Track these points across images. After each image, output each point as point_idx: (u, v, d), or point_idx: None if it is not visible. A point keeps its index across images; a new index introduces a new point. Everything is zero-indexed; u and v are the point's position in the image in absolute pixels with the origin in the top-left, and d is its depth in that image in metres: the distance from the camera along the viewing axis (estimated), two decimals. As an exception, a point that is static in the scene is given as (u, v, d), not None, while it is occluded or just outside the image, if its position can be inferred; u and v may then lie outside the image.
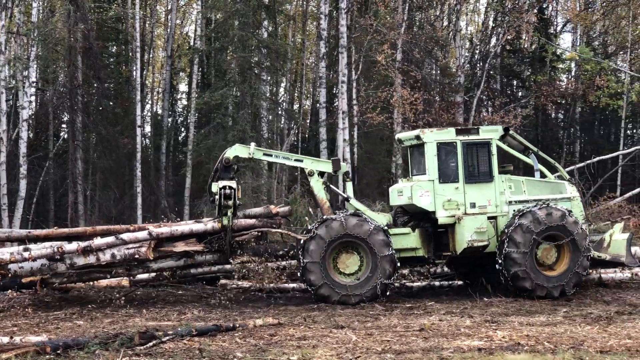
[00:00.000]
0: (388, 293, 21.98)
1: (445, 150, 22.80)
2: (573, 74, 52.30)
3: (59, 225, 27.08)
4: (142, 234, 21.85)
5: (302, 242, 22.11)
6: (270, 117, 41.69)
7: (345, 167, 23.78)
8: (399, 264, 22.32)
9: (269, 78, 42.12)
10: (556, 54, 48.98)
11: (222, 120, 36.69)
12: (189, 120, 43.75)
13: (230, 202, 21.90)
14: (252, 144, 23.34)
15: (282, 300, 22.77)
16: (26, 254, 20.83)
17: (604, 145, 49.16)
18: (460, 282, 24.67)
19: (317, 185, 23.24)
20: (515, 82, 52.41)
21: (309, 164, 23.44)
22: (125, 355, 14.64)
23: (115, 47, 49.68)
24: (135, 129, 41.42)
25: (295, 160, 23.87)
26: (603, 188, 40.08)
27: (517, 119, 43.41)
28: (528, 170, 26.01)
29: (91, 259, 21.18)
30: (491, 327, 17.99)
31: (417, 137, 23.12)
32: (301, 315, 19.76)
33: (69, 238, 22.20)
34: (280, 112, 43.90)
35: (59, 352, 14.69)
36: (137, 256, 21.45)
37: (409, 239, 22.75)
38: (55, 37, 39.93)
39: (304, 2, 49.34)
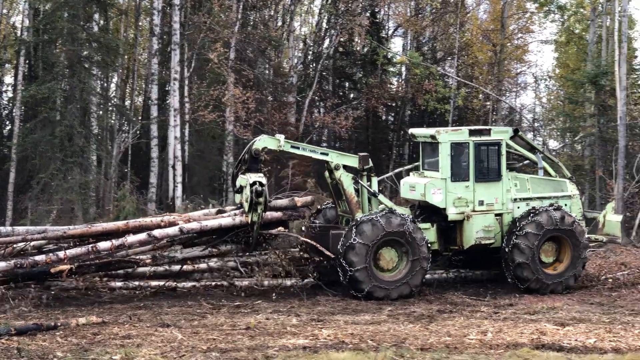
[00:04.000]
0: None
1: (458, 150, 23.88)
2: (403, 77, 53.33)
3: None
4: (173, 230, 22.11)
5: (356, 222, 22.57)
6: (101, 112, 40.84)
7: (370, 162, 24.00)
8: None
9: (99, 73, 41.23)
10: (387, 58, 49.83)
11: (49, 115, 35.63)
12: (14, 114, 42.30)
13: (261, 199, 21.91)
14: (282, 136, 23.42)
15: (107, 298, 22.27)
16: (61, 254, 20.79)
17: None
18: (289, 282, 24.67)
19: (347, 179, 23.53)
20: (347, 84, 53.00)
21: (334, 157, 23.69)
22: (-63, 356, 14.06)
23: (-64, 36, 47.63)
24: (-44, 121, 39.84)
25: (322, 153, 24.00)
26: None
27: (348, 120, 44.01)
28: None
29: None
30: (317, 325, 18.15)
31: (432, 137, 24.10)
32: (126, 313, 19.43)
33: (103, 235, 22.18)
34: (110, 108, 43.06)
35: None
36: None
37: (429, 234, 23.60)
38: None
39: (137, -3, 48.58)
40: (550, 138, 57.31)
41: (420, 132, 25.53)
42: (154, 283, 23.14)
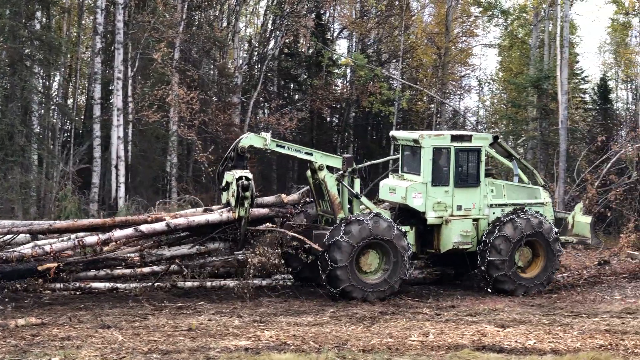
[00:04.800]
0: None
1: (439, 155, 24.25)
2: (348, 79, 53.46)
3: None
4: (160, 225, 22.00)
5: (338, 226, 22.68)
6: (42, 111, 40.35)
7: (354, 164, 24.31)
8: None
9: (41, 71, 40.74)
10: (332, 59, 49.94)
11: (-11, 113, 35.20)
12: (-46, 112, 41.70)
13: (248, 194, 22.14)
14: (268, 134, 23.61)
15: (47, 299, 21.95)
16: (47, 248, 20.85)
17: (376, 149, 50.42)
18: (231, 283, 24.55)
19: (330, 180, 23.66)
20: (292, 85, 53.00)
21: (319, 158, 23.78)
22: None
23: None
24: None
25: (306, 153, 24.02)
26: (375, 191, 41.17)
27: (293, 121, 44.00)
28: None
29: None
30: (259, 327, 18.12)
31: (415, 141, 24.35)
32: (66, 314, 19.19)
33: (89, 230, 22.30)
34: (52, 107, 42.57)
35: None
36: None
37: (408, 236, 23.81)
38: None
39: (81, -5, 48.05)
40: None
41: (402, 135, 25.90)
42: (94, 285, 22.90)
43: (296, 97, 51.80)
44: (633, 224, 35.59)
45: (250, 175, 22.44)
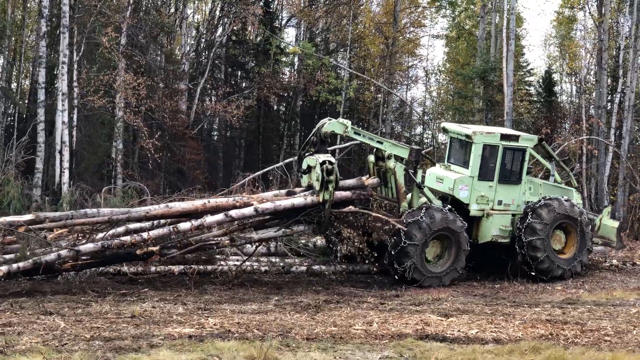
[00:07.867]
0: None
1: (488, 151, 25.28)
2: (295, 67, 53.43)
3: None
4: (248, 210, 22.51)
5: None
6: (-15, 95, 39.85)
7: (420, 156, 25.45)
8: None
9: (-16, 54, 40.22)
10: (280, 47, 49.88)
11: None
12: None
13: (332, 177, 22.61)
14: (348, 121, 24.10)
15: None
16: (145, 235, 21.36)
17: (323, 138, 50.51)
18: (176, 269, 24.39)
19: (400, 169, 24.57)
20: (239, 73, 52.86)
21: (388, 147, 24.59)
22: None
23: None
24: None
25: (377, 142, 24.87)
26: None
27: (240, 109, 43.89)
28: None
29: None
30: (203, 314, 18.07)
31: (468, 136, 25.42)
32: (8, 301, 18.96)
33: (182, 215, 22.55)
34: (-4, 90, 42.03)
35: None
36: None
37: None
38: None
39: (26, -22, 47.43)
40: (440, 132, 58.34)
41: (454, 128, 26.87)
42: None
43: (243, 84, 51.68)
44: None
45: (333, 160, 23.05)
